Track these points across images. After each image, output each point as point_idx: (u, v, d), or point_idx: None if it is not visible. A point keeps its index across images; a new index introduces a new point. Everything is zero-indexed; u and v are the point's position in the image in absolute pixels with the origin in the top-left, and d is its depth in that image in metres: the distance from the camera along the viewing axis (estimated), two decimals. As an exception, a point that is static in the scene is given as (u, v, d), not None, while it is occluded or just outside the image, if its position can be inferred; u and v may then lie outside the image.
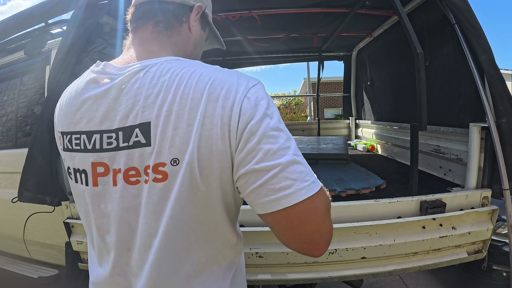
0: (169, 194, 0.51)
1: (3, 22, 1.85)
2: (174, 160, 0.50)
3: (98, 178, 0.55)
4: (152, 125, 0.50)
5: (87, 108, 0.56)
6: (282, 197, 0.48)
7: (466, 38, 1.48)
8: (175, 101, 0.50)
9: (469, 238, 1.40)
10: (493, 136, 1.37)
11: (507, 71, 9.84)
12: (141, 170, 0.52)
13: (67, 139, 0.59)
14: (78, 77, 0.63)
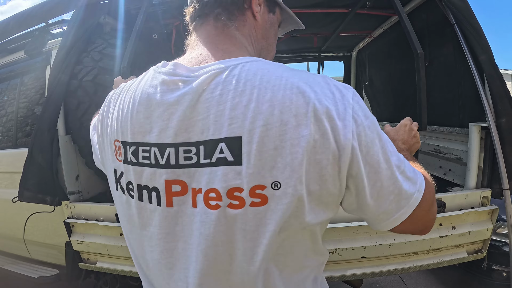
0: (268, 221, 0.44)
1: (4, 22, 1.85)
2: (275, 184, 0.42)
3: (173, 198, 0.47)
4: (243, 141, 0.42)
5: (158, 116, 0.47)
6: (398, 217, 0.49)
7: (465, 38, 1.48)
8: (273, 115, 0.42)
9: (469, 238, 1.40)
10: (493, 136, 1.37)
11: (507, 71, 9.83)
12: (223, 193, 0.43)
13: (131, 151, 0.49)
14: (136, 78, 0.55)
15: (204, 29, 0.57)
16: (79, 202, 1.60)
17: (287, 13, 0.70)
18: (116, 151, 0.53)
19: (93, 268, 1.57)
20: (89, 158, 1.64)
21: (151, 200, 0.49)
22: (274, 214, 0.43)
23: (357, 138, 0.43)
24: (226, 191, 0.43)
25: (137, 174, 0.49)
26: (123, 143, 0.51)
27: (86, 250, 1.54)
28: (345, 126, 0.42)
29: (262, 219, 0.44)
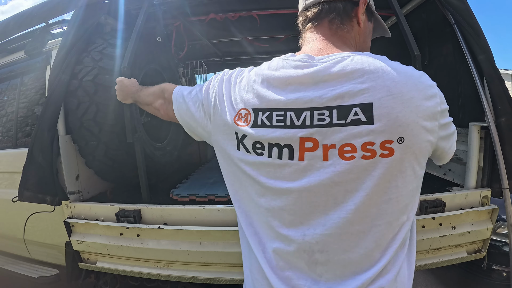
0: (396, 169, 0.56)
1: (4, 22, 1.85)
2: (400, 139, 0.55)
3: (305, 153, 0.58)
4: (375, 106, 0.55)
5: (293, 89, 0.59)
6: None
7: (465, 38, 1.48)
8: (395, 87, 0.55)
9: (469, 238, 1.40)
10: (493, 136, 1.38)
11: (506, 71, 9.84)
12: (358, 147, 0.55)
13: (264, 116, 0.61)
14: (257, 67, 0.68)
15: (319, 29, 0.70)
16: (79, 202, 1.60)
17: (379, 21, 0.86)
18: (239, 118, 0.64)
19: (93, 268, 1.57)
20: (89, 158, 1.64)
21: (281, 156, 0.59)
22: (399, 163, 0.56)
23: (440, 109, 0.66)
24: (360, 145, 0.55)
25: (270, 134, 0.60)
26: (253, 110, 0.63)
27: (86, 250, 1.55)
28: (437, 100, 0.65)
29: (389, 168, 0.56)
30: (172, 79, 2.30)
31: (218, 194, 1.64)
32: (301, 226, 0.60)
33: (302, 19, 0.73)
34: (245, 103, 0.64)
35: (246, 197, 0.68)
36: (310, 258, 0.59)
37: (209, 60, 3.93)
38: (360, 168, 0.55)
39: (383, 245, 0.59)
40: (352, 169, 0.55)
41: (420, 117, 0.57)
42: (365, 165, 0.55)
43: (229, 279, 1.37)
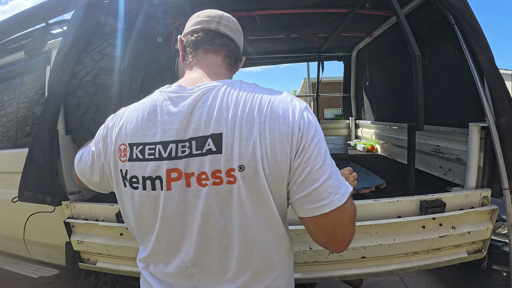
0: (238, 195, 0.60)
1: (4, 22, 1.85)
2: (240, 167, 0.59)
3: (172, 183, 0.62)
4: (224, 136, 0.60)
5: (163, 122, 0.64)
6: (321, 206, 0.61)
7: (465, 38, 1.48)
8: (243, 117, 0.60)
9: (469, 238, 1.40)
10: (493, 136, 1.38)
11: (506, 71, 9.84)
12: (209, 174, 0.60)
13: (137, 150, 0.64)
14: (142, 99, 0.72)
15: (212, 57, 0.75)
16: (79, 202, 1.60)
17: None
18: (120, 154, 0.67)
19: (93, 268, 1.57)
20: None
21: (154, 187, 0.63)
22: (241, 190, 0.60)
23: (299, 135, 0.63)
24: (211, 173, 0.60)
25: (143, 168, 0.64)
26: (129, 145, 0.65)
27: (86, 250, 1.55)
28: (293, 126, 0.62)
29: (232, 193, 0.60)
30: (172, 79, 2.30)
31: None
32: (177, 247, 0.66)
33: (193, 38, 0.76)
34: (124, 138, 0.67)
35: None
36: (186, 272, 0.66)
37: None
38: (213, 194, 0.61)
39: (249, 261, 0.64)
40: (206, 194, 0.61)
41: (268, 146, 0.60)
42: (215, 190, 0.61)
43: (229, 279, 1.37)
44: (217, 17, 0.78)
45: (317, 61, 4.03)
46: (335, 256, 1.31)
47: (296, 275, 1.35)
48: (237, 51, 0.80)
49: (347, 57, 4.01)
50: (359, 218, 1.35)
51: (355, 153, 3.21)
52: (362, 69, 3.69)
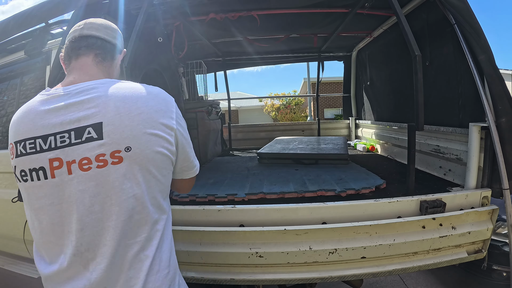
0: (127, 173, 0.70)
1: (4, 22, 1.85)
2: (127, 148, 0.70)
3: (55, 171, 0.70)
4: (104, 124, 0.69)
5: (41, 118, 0.71)
6: (190, 173, 0.92)
7: (465, 38, 1.48)
8: (123, 107, 0.71)
9: (469, 238, 1.40)
10: (493, 136, 1.38)
11: (507, 71, 9.83)
12: (92, 159, 0.69)
13: (20, 146, 0.72)
14: (28, 102, 0.79)
15: (82, 59, 0.83)
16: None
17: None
18: (11, 153, 0.75)
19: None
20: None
21: (39, 178, 0.71)
22: (128, 168, 0.71)
23: (176, 123, 0.82)
24: (94, 157, 0.69)
25: (26, 161, 0.71)
26: (14, 143, 0.73)
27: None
28: (170, 115, 0.81)
29: (119, 172, 0.70)
30: (172, 79, 2.30)
31: (218, 195, 1.64)
32: (69, 234, 0.71)
33: (66, 50, 0.85)
34: (10, 139, 0.76)
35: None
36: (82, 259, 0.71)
37: (209, 60, 3.92)
38: (98, 176, 0.69)
39: (135, 235, 0.73)
40: (90, 177, 0.69)
41: (148, 128, 0.72)
42: (101, 172, 0.69)
43: (229, 279, 1.37)
44: (82, 24, 0.86)
45: (317, 61, 4.03)
46: (335, 256, 1.31)
47: (296, 276, 1.35)
48: (109, 46, 0.86)
49: (347, 57, 4.01)
50: (359, 218, 1.35)
51: (355, 153, 3.21)
52: (362, 69, 3.69)
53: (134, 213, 0.72)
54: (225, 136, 3.95)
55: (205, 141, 2.96)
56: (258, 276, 1.36)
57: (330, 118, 14.79)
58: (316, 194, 1.63)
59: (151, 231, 0.75)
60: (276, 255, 1.32)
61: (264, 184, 1.82)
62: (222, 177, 2.06)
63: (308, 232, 1.30)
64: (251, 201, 1.60)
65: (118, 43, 0.91)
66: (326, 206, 1.37)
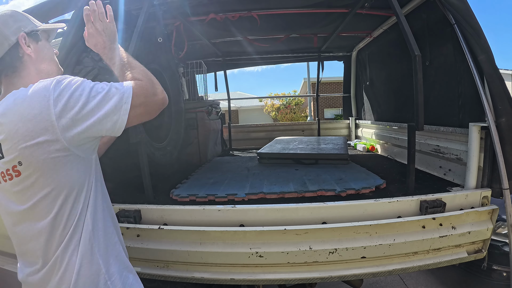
0: (27, 185, 0.76)
1: (4, 22, 1.85)
2: (19, 162, 0.74)
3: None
4: (3, 144, 0.74)
5: None
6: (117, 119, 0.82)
7: (465, 38, 1.48)
8: (10, 124, 0.73)
9: (469, 238, 1.40)
10: (493, 136, 1.38)
11: (507, 71, 9.83)
12: (5, 173, 0.76)
13: None
14: None
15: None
16: (79, 202, 1.60)
17: (50, 29, 0.99)
18: None
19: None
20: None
21: None
22: (26, 178, 0.77)
23: None
24: (1, 172, 0.76)
25: None
26: None
27: (86, 250, 1.54)
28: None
29: (21, 183, 0.77)
30: (172, 79, 2.30)
31: (218, 195, 1.64)
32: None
33: None
34: None
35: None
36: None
37: (209, 60, 3.92)
38: (4, 190, 0.78)
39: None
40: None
41: (26, 140, 0.72)
42: (7, 186, 0.77)
43: (229, 279, 1.37)
44: None
45: (317, 61, 4.03)
46: (335, 256, 1.31)
47: (296, 275, 1.36)
48: (4, 49, 0.83)
49: (347, 57, 4.01)
50: (360, 218, 1.35)
51: (355, 153, 3.21)
52: (362, 69, 3.69)
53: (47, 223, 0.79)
54: (225, 136, 3.95)
55: (205, 141, 2.96)
56: (258, 276, 1.36)
57: (330, 118, 14.78)
58: (316, 194, 1.63)
59: None
60: (276, 255, 1.32)
61: (264, 184, 1.82)
62: (222, 177, 2.06)
63: (308, 232, 1.30)
64: (251, 201, 1.60)
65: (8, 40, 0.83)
66: (326, 206, 1.37)
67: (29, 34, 0.87)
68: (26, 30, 0.87)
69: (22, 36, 0.85)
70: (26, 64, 0.86)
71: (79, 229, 0.81)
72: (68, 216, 0.80)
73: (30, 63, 0.87)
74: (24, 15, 0.90)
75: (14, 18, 0.86)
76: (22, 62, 0.85)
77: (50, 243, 0.79)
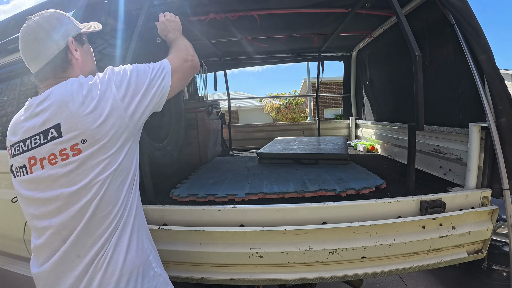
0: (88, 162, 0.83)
1: (4, 22, 1.85)
2: (83, 140, 0.82)
3: (32, 167, 0.85)
4: (61, 124, 0.82)
5: (21, 125, 0.88)
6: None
7: (465, 38, 1.48)
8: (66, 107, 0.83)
9: (469, 238, 1.40)
10: (493, 136, 1.38)
11: (507, 71, 9.83)
12: (57, 153, 0.82)
13: (13, 148, 0.90)
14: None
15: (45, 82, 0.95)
16: (79, 202, 1.60)
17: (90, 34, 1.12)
18: (9, 154, 0.92)
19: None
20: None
21: (23, 174, 0.88)
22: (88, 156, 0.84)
23: None
24: (58, 151, 0.83)
25: (15, 161, 0.89)
26: (10, 146, 0.91)
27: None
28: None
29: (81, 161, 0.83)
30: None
31: (218, 195, 1.64)
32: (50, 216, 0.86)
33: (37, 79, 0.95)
34: (7, 143, 0.93)
35: None
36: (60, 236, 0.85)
37: (209, 60, 3.92)
38: (63, 167, 0.82)
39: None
40: (57, 169, 0.83)
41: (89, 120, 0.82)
42: (65, 164, 0.82)
43: (229, 279, 1.37)
44: None
45: (317, 61, 4.03)
46: (335, 256, 1.31)
47: (296, 276, 1.35)
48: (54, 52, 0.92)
49: (347, 57, 4.01)
50: (360, 218, 1.35)
51: (355, 153, 3.21)
52: (362, 69, 3.69)
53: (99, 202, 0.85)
54: (225, 136, 3.95)
55: (205, 141, 2.96)
56: (258, 276, 1.36)
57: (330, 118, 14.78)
58: (316, 194, 1.63)
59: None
60: (276, 255, 1.32)
61: (264, 184, 1.82)
62: (222, 177, 2.06)
63: (308, 232, 1.30)
64: (251, 201, 1.60)
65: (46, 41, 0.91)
66: (326, 206, 1.37)
67: (76, 38, 0.97)
68: (73, 34, 0.96)
69: (70, 41, 0.95)
70: (74, 66, 0.96)
71: (132, 211, 0.91)
72: (124, 197, 0.89)
73: (76, 65, 0.96)
74: (68, 17, 0.98)
75: (61, 21, 0.95)
76: (71, 64, 0.95)
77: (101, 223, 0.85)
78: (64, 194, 0.82)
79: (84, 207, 0.83)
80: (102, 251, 0.84)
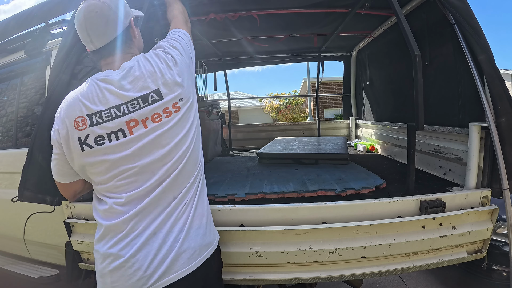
0: (185, 118, 1.01)
1: (4, 22, 1.85)
2: (180, 99, 0.99)
3: (132, 129, 0.93)
4: (161, 89, 0.96)
5: (108, 94, 0.94)
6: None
7: (465, 38, 1.48)
8: (160, 72, 0.98)
9: (469, 238, 1.40)
10: (493, 136, 1.38)
11: (507, 71, 9.84)
12: (161, 112, 0.95)
13: (97, 117, 0.92)
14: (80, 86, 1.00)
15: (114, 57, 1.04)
16: (79, 202, 1.60)
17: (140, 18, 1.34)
18: (76, 126, 0.93)
19: (93, 268, 1.57)
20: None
21: (118, 138, 0.93)
22: (186, 112, 1.02)
23: None
24: (162, 110, 0.96)
25: (104, 127, 0.92)
26: (87, 115, 0.93)
27: (86, 250, 1.54)
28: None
29: (181, 117, 1.00)
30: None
31: (218, 195, 1.64)
32: (148, 176, 0.95)
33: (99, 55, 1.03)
34: (79, 112, 0.94)
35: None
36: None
37: (209, 60, 3.93)
38: (167, 123, 0.96)
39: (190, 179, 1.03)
40: (162, 125, 0.95)
41: (175, 77, 0.99)
42: (168, 120, 0.96)
43: (229, 279, 1.37)
44: None
45: (317, 61, 4.03)
46: (335, 256, 1.31)
47: (296, 275, 1.35)
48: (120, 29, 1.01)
49: (347, 57, 4.01)
50: (359, 218, 1.35)
51: (355, 153, 3.21)
52: (362, 69, 3.69)
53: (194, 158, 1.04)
54: (225, 136, 3.95)
55: (205, 141, 2.96)
56: (258, 276, 1.36)
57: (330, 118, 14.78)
58: (316, 194, 1.63)
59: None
60: (276, 255, 1.32)
61: (264, 184, 1.82)
62: (222, 177, 2.06)
63: (308, 232, 1.30)
64: (251, 201, 1.60)
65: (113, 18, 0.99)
66: (326, 206, 1.37)
67: (135, 18, 1.09)
68: (132, 16, 1.08)
69: (132, 20, 1.07)
70: (134, 43, 1.08)
71: (202, 167, 1.11)
72: (198, 153, 1.07)
73: (136, 43, 1.09)
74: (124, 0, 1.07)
75: (122, 2, 1.03)
76: (133, 41, 1.07)
77: (187, 175, 1.00)
78: (170, 145, 0.95)
79: (184, 153, 0.98)
80: (192, 190, 1.02)
